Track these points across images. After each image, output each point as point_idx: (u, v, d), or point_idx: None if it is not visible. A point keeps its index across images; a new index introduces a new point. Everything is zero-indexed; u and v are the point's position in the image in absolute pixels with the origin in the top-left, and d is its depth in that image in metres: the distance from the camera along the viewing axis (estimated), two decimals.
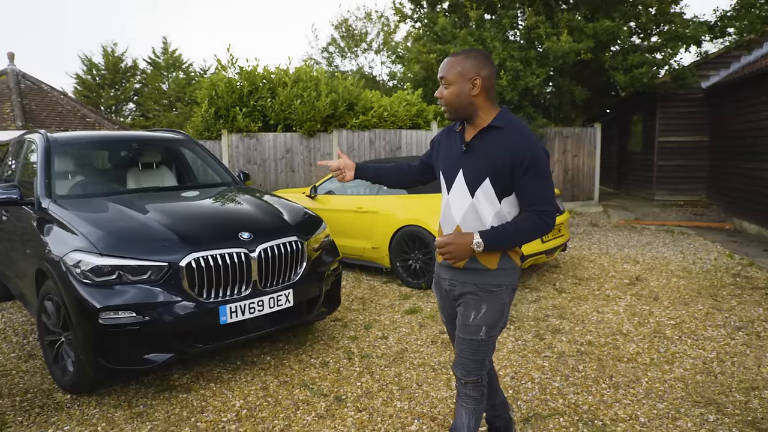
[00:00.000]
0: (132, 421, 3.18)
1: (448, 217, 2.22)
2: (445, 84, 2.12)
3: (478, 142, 2.13)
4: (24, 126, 12.14)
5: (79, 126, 13.54)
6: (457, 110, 2.13)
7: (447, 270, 2.28)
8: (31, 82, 14.82)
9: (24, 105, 13.31)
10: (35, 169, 4.54)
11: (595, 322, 4.69)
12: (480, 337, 2.16)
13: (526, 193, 2.07)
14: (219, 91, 9.77)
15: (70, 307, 3.26)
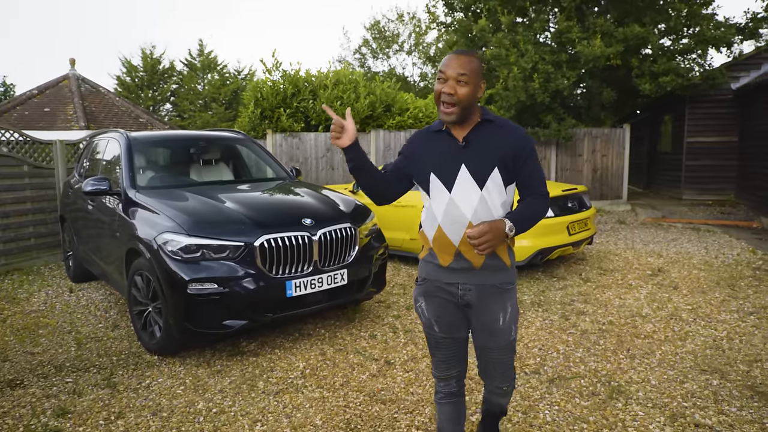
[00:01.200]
0: (213, 377, 3.76)
1: (453, 217, 2.11)
2: (463, 81, 2.01)
3: (476, 136, 2.11)
4: (86, 126, 13.07)
5: (133, 126, 14.46)
6: (466, 109, 2.06)
7: (457, 274, 2.15)
8: (90, 85, 15.85)
9: (85, 107, 14.30)
10: (118, 164, 5.19)
11: (616, 306, 5.13)
12: (512, 337, 2.17)
13: (530, 179, 2.13)
14: (264, 93, 10.44)
15: (162, 281, 3.87)
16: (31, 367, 4.03)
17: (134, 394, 3.54)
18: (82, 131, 12.50)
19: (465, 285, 2.13)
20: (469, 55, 2.05)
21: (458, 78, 2.00)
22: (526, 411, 3.16)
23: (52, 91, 14.92)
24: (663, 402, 3.23)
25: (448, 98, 2.03)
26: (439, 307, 2.21)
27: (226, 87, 33.97)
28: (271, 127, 10.53)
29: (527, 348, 4.13)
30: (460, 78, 2.00)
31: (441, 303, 2.20)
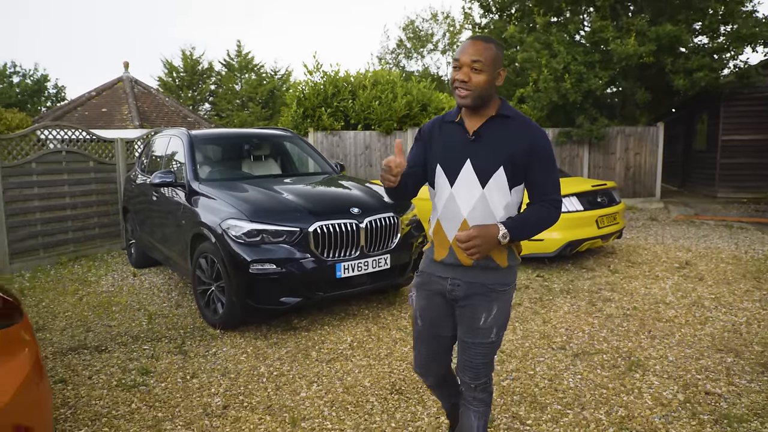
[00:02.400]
0: (271, 347, 4.24)
1: (450, 212, 2.06)
2: (477, 69, 1.93)
3: (487, 131, 2.01)
4: (140, 125, 13.90)
5: (182, 125, 15.27)
6: (481, 98, 1.97)
7: (449, 269, 2.11)
8: (142, 86, 16.80)
9: (138, 107, 15.19)
10: (181, 159, 5.73)
11: (642, 294, 5.43)
12: (491, 339, 2.09)
13: (541, 183, 2.03)
14: (306, 93, 10.99)
15: (227, 262, 4.36)
16: (111, 337, 4.58)
17: (203, 359, 4.04)
18: (137, 130, 13.31)
19: (455, 280, 2.09)
20: (486, 42, 1.96)
21: (472, 65, 1.93)
22: (551, 378, 3.54)
23: (108, 93, 15.88)
24: (678, 374, 3.57)
25: (461, 85, 1.96)
26: (428, 301, 2.19)
27: (262, 87, 34.74)
28: (312, 125, 11.07)
29: (554, 328, 4.49)
30: (474, 65, 1.93)
31: (430, 297, 2.18)
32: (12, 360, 2.00)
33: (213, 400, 3.38)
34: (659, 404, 3.17)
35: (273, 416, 3.15)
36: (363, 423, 3.06)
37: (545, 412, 3.11)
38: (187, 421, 3.12)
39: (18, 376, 1.98)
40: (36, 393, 2.06)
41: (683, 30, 11.49)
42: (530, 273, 6.33)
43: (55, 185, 7.72)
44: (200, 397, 3.43)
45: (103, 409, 3.31)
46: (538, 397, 3.29)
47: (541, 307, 5.05)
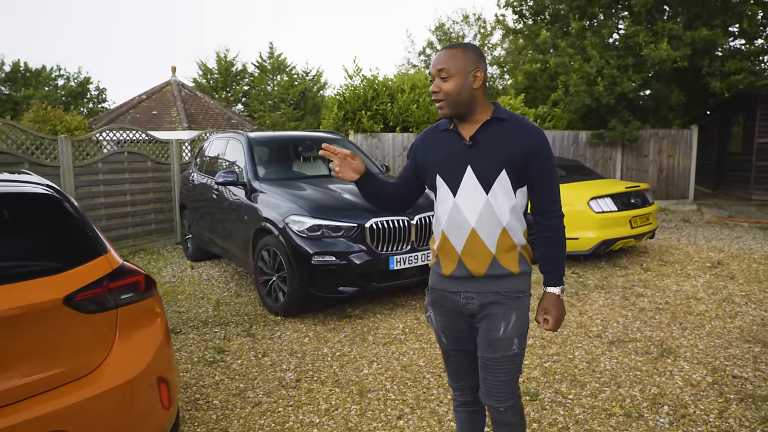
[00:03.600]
0: (330, 332, 4.68)
1: (457, 222, 1.99)
2: (444, 77, 1.93)
3: (484, 135, 1.97)
4: (188, 127, 14.61)
5: (226, 126, 15.93)
6: (457, 104, 1.94)
7: (458, 282, 2.04)
8: (188, 90, 17.58)
9: (186, 109, 15.92)
10: (240, 160, 6.21)
11: (674, 291, 5.71)
12: (513, 351, 2.00)
13: (542, 189, 1.99)
14: (347, 96, 11.48)
15: (290, 254, 4.82)
16: (182, 321, 5.08)
17: (270, 341, 4.50)
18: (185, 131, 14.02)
19: (467, 293, 2.02)
20: (451, 49, 1.95)
21: (439, 74, 1.94)
22: (589, 362, 3.89)
23: (157, 96, 16.68)
24: (707, 361, 3.88)
25: (434, 96, 1.97)
26: (446, 318, 2.12)
27: (294, 88, 35.24)
28: (353, 127, 11.54)
29: (590, 319, 4.83)
30: (441, 74, 1.94)
31: (447, 314, 2.12)
32: (151, 325, 2.46)
33: (285, 374, 3.83)
34: (689, 385, 3.51)
35: (341, 388, 3.58)
36: (422, 395, 3.46)
37: (584, 388, 3.48)
38: (266, 391, 3.57)
39: (156, 338, 2.45)
40: (168, 352, 2.52)
41: (719, 34, 11.60)
42: (565, 269, 6.64)
43: (117, 183, 8.33)
44: (274, 372, 3.88)
45: (192, 380, 3.79)
46: (578, 377, 3.65)
47: (577, 301, 5.39)
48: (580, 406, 3.26)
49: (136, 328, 2.37)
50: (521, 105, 12.40)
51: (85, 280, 2.21)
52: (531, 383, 3.57)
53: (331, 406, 3.34)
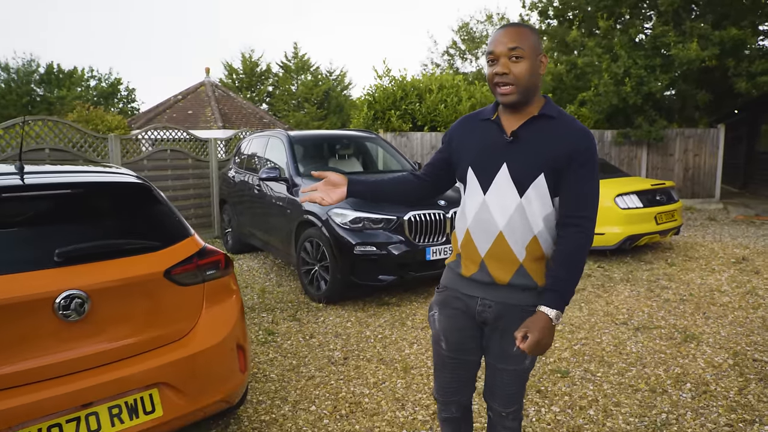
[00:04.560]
0: (370, 317, 5.01)
1: (483, 223, 1.82)
2: (516, 57, 1.71)
3: (527, 132, 1.78)
4: (223, 126, 15.12)
5: (259, 125, 16.42)
6: (526, 90, 1.74)
7: (479, 287, 1.88)
8: (222, 90, 18.18)
9: (220, 109, 16.46)
10: (281, 156, 6.57)
11: (698, 284, 5.92)
12: (525, 365, 1.91)
13: (576, 199, 1.76)
14: (376, 96, 11.84)
15: (333, 245, 5.16)
16: None
17: (315, 325, 4.84)
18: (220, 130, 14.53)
19: (485, 300, 1.87)
20: (520, 27, 1.76)
21: (510, 54, 1.71)
22: (616, 345, 4.16)
23: (192, 96, 17.28)
24: (729, 346, 4.12)
25: (502, 79, 1.74)
26: (452, 321, 1.96)
27: (318, 87, 35.62)
28: (382, 126, 11.88)
29: (617, 308, 5.08)
30: (512, 53, 1.71)
31: (455, 316, 1.95)
32: (230, 299, 2.81)
33: (333, 353, 4.17)
34: (711, 366, 3.76)
35: (386, 365, 3.91)
36: None
37: (612, 368, 3.75)
38: (317, 367, 3.92)
39: (235, 310, 2.80)
40: (243, 324, 2.86)
41: (748, 34, 11.64)
42: (591, 264, 6.89)
43: (161, 180, 8.78)
44: (322, 351, 4.22)
45: None
46: (605, 358, 3.92)
47: (603, 292, 5.64)
48: (608, 382, 3.54)
49: (218, 301, 2.72)
50: None
51: (179, 257, 2.57)
52: (561, 363, 3.86)
53: (379, 380, 3.67)
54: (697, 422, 3.03)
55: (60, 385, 2.15)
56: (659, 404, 3.24)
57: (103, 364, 2.28)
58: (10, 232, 2.38)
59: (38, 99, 39.35)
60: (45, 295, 2.15)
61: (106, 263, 2.36)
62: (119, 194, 2.79)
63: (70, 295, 2.18)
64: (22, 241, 2.35)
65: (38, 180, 2.60)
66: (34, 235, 2.38)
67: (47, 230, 2.41)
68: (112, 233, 2.60)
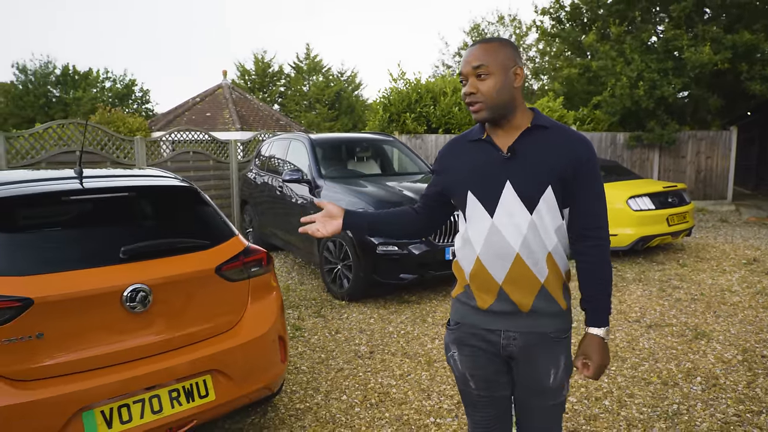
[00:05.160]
0: (392, 314, 5.22)
1: (497, 247, 1.72)
2: (482, 75, 1.66)
3: (524, 145, 1.71)
4: (241, 128, 15.44)
5: (275, 127, 16.70)
6: (497, 107, 1.68)
7: (499, 318, 1.76)
8: (239, 92, 18.53)
9: (237, 111, 16.78)
10: (303, 159, 6.81)
11: (709, 284, 6.09)
12: (563, 397, 1.80)
13: (587, 210, 1.73)
14: (392, 99, 12.08)
15: (357, 245, 5.38)
16: None
17: (340, 321, 5.07)
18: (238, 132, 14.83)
19: (508, 333, 1.75)
20: (487, 43, 1.70)
21: (476, 72, 1.67)
22: (629, 342, 4.35)
23: (210, 99, 17.63)
24: (738, 343, 4.30)
25: (470, 99, 1.70)
26: (476, 359, 1.82)
27: (329, 88, 35.85)
28: (397, 129, 12.11)
29: (629, 306, 5.26)
30: (478, 71, 1.67)
31: (477, 354, 1.82)
32: (271, 294, 3.04)
33: (359, 348, 4.39)
34: (720, 361, 3.94)
35: (411, 359, 4.12)
36: None
37: (626, 362, 3.94)
38: (345, 360, 4.14)
39: (276, 305, 3.02)
40: (282, 317, 3.09)
41: (761, 38, 11.73)
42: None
43: None
44: (348, 345, 4.45)
45: None
46: (619, 353, 4.12)
47: (617, 291, 5.82)
48: (622, 376, 3.73)
49: (261, 296, 2.95)
50: (560, 107, 12.79)
51: (227, 255, 2.81)
52: None
53: (404, 372, 3.89)
54: (707, 413, 3.22)
55: (128, 369, 2.39)
56: (671, 396, 3.43)
57: (164, 352, 2.51)
58: (78, 231, 2.62)
59: (54, 100, 39.96)
60: (114, 289, 2.38)
61: (165, 260, 2.59)
62: (170, 197, 3.03)
63: (135, 289, 2.42)
64: (89, 240, 2.59)
65: (97, 184, 2.84)
66: (99, 234, 2.63)
67: (110, 230, 2.66)
68: (166, 233, 2.83)
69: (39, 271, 2.31)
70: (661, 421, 3.13)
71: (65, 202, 2.68)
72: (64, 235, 2.59)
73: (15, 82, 39.38)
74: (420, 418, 3.24)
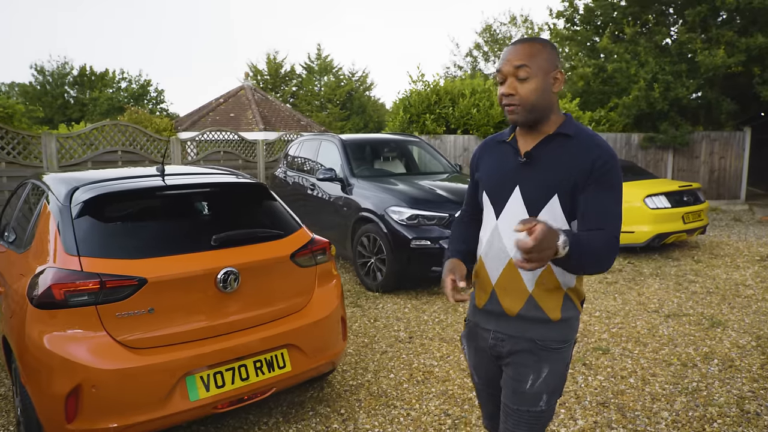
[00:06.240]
0: (424, 305, 5.58)
1: (495, 249, 1.74)
2: (523, 77, 1.63)
3: (541, 152, 1.70)
4: (264, 128, 15.88)
5: (296, 127, 17.13)
6: (534, 110, 1.66)
7: (491, 318, 1.80)
8: (261, 94, 19.01)
9: (260, 112, 17.23)
10: (335, 158, 7.17)
11: (723, 279, 6.40)
12: (540, 407, 1.74)
13: (596, 207, 1.62)
14: (411, 101, 12.47)
15: (391, 239, 5.74)
16: None
17: (376, 311, 5.43)
18: (261, 133, 15.25)
19: (498, 334, 1.79)
20: (531, 43, 1.66)
21: (517, 73, 1.64)
22: (649, 329, 4.68)
23: (233, 100, 18.11)
24: (752, 331, 4.62)
25: (507, 100, 1.67)
26: (477, 356, 1.92)
27: (340, 88, 36.20)
28: (417, 129, 12.47)
29: (648, 299, 5.59)
30: (519, 72, 1.64)
31: (477, 352, 1.90)
32: (333, 279, 3.41)
33: (399, 333, 4.76)
34: (736, 347, 4.27)
35: (448, 343, 4.48)
36: None
37: (647, 347, 4.28)
38: (387, 344, 4.51)
39: (338, 289, 3.39)
40: (342, 301, 3.46)
41: None
42: (622, 260, 7.39)
43: None
44: (388, 332, 4.81)
45: None
46: (641, 339, 4.46)
47: (635, 285, 6.15)
48: (644, 358, 4.07)
49: (325, 281, 3.32)
50: (576, 109, 13.11)
51: (298, 244, 3.18)
52: (602, 342, 4.40)
53: (444, 354, 4.25)
54: (723, 389, 3.56)
55: (221, 342, 2.77)
56: (690, 375, 3.77)
57: (249, 327, 2.89)
58: (174, 221, 3.01)
59: (71, 101, 40.67)
60: (210, 271, 2.76)
61: (249, 247, 2.97)
62: (244, 192, 3.41)
63: (227, 272, 2.80)
64: (184, 229, 2.98)
65: (180, 181, 3.22)
66: (191, 224, 3.02)
67: (200, 220, 3.05)
68: (245, 224, 3.21)
69: (149, 256, 2.69)
70: (682, 396, 3.47)
71: (163, 196, 3.08)
72: (164, 225, 2.99)
73: (33, 83, 40.11)
74: (463, 393, 3.59)
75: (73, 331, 2.50)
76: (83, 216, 2.77)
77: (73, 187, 2.96)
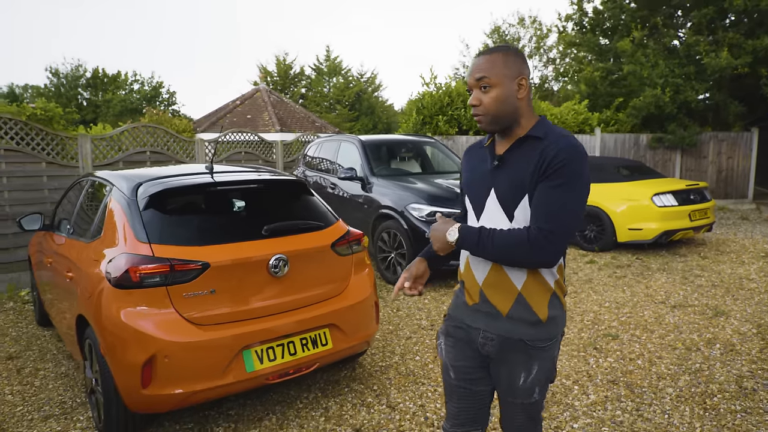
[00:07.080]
0: (443, 296, 5.91)
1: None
2: (485, 86, 1.71)
3: (512, 155, 1.76)
4: (280, 130, 16.30)
5: (311, 128, 17.52)
6: (499, 118, 1.73)
7: (480, 318, 1.85)
8: (275, 95, 19.43)
9: (276, 114, 17.66)
10: (355, 158, 7.51)
11: (728, 274, 6.68)
12: (533, 399, 1.85)
13: (541, 202, 1.66)
14: (425, 102, 12.82)
15: (410, 235, 6.08)
16: None
17: (398, 301, 5.77)
18: (278, 134, 15.64)
19: (487, 333, 1.83)
20: (491, 54, 1.72)
21: (479, 84, 1.73)
22: (656, 318, 4.99)
23: (249, 102, 18.56)
24: (755, 320, 4.92)
25: (474, 111, 1.76)
26: (457, 351, 1.94)
27: (349, 89, 36.48)
28: (429, 130, 12.82)
29: (655, 291, 5.90)
30: (481, 83, 1.72)
31: (460, 347, 1.93)
32: (367, 268, 3.75)
33: (421, 322, 5.09)
34: (737, 333, 4.57)
35: None
36: None
37: (653, 333, 4.59)
38: (411, 331, 4.84)
39: (371, 277, 3.73)
40: (376, 286, 3.79)
41: None
42: (630, 256, 7.68)
43: None
44: (410, 320, 5.15)
45: None
46: (648, 326, 4.77)
47: (643, 278, 6.45)
48: (651, 343, 4.39)
49: (361, 269, 3.66)
50: (585, 110, 13.42)
51: (337, 235, 3.53)
52: (611, 329, 4.72)
53: None
54: (724, 369, 3.87)
55: (273, 320, 3.11)
56: (694, 358, 4.08)
57: (296, 308, 3.23)
58: (228, 213, 3.37)
59: (85, 103, 41.28)
60: (263, 257, 3.11)
61: (295, 237, 3.32)
62: (285, 188, 3.76)
63: (278, 258, 3.14)
64: (238, 219, 3.34)
65: (229, 177, 3.57)
66: (244, 215, 3.37)
67: (250, 212, 3.40)
68: (289, 216, 3.56)
69: (210, 243, 3.04)
70: (686, 375, 3.79)
71: (217, 192, 3.43)
72: (218, 216, 3.34)
73: (48, 86, 40.76)
74: None
75: (147, 308, 2.85)
76: (149, 208, 3.13)
77: (137, 183, 3.32)
